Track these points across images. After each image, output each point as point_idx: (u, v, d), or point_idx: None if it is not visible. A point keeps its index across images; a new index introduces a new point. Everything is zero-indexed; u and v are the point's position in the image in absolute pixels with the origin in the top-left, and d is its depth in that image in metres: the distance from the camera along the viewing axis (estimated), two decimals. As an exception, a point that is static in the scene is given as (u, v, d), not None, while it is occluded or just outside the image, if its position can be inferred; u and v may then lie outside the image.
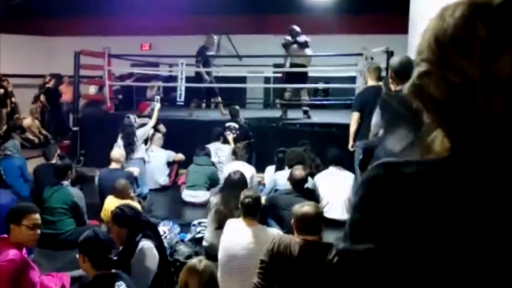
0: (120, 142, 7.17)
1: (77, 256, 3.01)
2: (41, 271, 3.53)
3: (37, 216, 3.29)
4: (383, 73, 6.04)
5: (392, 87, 4.11)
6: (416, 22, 5.72)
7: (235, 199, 4.36)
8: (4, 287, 2.93)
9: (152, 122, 7.59)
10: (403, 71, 3.59)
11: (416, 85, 0.80)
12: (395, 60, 3.81)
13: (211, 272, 2.63)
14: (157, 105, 7.71)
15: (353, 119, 5.71)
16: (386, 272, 0.77)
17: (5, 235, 3.21)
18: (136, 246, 3.42)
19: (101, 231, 3.22)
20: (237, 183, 4.74)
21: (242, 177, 4.85)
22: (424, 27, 0.81)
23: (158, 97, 8.00)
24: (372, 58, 7.75)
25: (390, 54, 7.36)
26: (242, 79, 11.28)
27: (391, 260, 0.77)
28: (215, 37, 9.62)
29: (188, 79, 9.70)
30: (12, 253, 3.04)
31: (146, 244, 3.45)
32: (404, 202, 0.76)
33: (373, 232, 0.78)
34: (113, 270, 2.89)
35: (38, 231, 3.29)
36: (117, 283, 2.76)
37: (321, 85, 9.22)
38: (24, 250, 3.22)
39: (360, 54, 8.14)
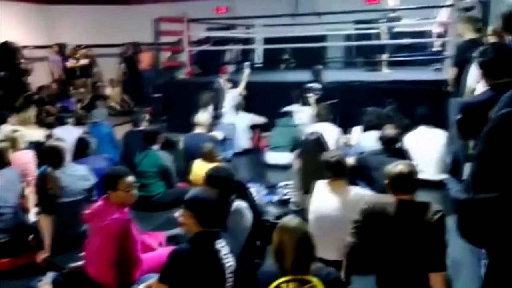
0: (208, 106, 7.26)
1: (178, 213, 3.05)
2: (138, 231, 3.65)
3: (130, 178, 3.37)
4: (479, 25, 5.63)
5: (492, 39, 3.80)
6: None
7: (315, 161, 4.28)
8: (111, 243, 3.07)
9: (241, 87, 7.63)
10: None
11: None
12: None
13: (305, 229, 2.57)
14: (246, 71, 7.74)
15: (450, 75, 5.42)
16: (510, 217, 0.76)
17: (107, 196, 3.32)
18: (230, 206, 3.45)
19: (208, 191, 3.18)
20: (314, 144, 4.60)
21: (319, 138, 4.68)
22: None
23: (247, 63, 7.98)
24: (467, 9, 7.22)
25: (485, 4, 6.75)
26: (322, 38, 10.97)
27: None
28: None
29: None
30: (117, 212, 3.15)
31: (239, 204, 3.51)
32: None
33: (497, 180, 0.76)
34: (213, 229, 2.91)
35: (134, 191, 3.39)
36: (218, 240, 2.79)
37: (406, 41, 8.77)
38: (126, 209, 3.32)
39: (452, 5, 7.63)
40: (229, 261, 2.78)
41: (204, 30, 11.96)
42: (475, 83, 4.40)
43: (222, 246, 2.79)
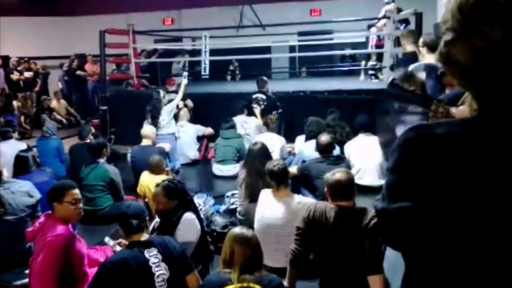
0: (148, 118, 7.23)
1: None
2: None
3: (77, 191, 3.35)
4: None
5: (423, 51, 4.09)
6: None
7: (259, 171, 4.39)
8: (55, 260, 3.04)
9: (178, 98, 7.59)
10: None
11: (443, 53, 0.85)
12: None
13: (256, 240, 2.67)
14: (184, 81, 7.72)
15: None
16: (423, 226, 0.83)
17: (50, 212, 3.30)
18: (179, 219, 3.52)
19: (134, 203, 3.28)
20: (258, 154, 4.71)
21: (263, 148, 4.80)
22: None
23: (185, 73, 7.98)
24: (402, 22, 7.59)
25: (418, 16, 7.15)
26: (267, 49, 11.21)
27: (427, 215, 0.82)
28: None
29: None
30: (60, 228, 3.13)
31: (189, 216, 3.55)
32: (437, 160, 0.81)
33: (409, 191, 0.85)
34: (145, 238, 3.01)
35: (80, 205, 3.36)
36: (149, 249, 2.87)
37: (347, 51, 9.08)
38: (70, 225, 3.30)
39: (388, 17, 7.97)
40: (160, 269, 2.83)
41: (152, 42, 11.94)
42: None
43: (152, 255, 2.85)
